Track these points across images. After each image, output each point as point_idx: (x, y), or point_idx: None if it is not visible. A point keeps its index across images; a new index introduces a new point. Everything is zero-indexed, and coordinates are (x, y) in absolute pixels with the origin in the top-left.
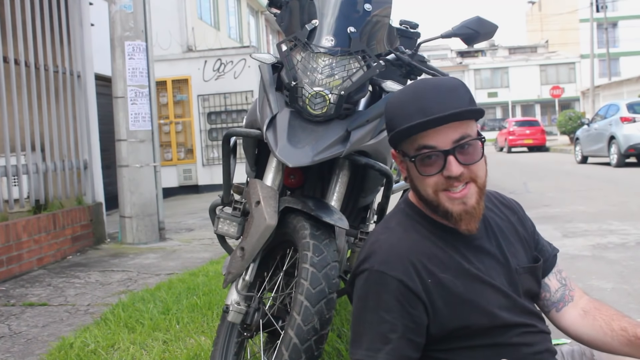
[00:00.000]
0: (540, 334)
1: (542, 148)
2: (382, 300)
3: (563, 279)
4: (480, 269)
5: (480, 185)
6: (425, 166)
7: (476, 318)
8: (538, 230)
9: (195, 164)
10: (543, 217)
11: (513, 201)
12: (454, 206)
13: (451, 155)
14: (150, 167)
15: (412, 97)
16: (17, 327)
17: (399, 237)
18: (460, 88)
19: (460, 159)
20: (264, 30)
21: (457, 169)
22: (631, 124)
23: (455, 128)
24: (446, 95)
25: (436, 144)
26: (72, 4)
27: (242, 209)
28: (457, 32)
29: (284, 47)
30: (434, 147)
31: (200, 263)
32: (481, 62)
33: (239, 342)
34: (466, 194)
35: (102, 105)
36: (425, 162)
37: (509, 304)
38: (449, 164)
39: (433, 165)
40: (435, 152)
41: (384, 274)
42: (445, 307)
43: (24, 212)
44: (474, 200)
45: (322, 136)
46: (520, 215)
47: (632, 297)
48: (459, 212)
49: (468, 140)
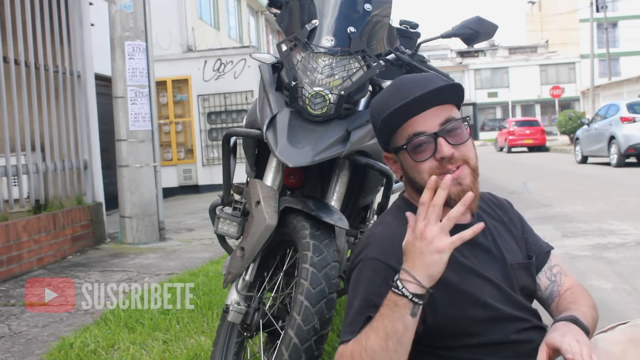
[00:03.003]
0: (536, 330)
1: (542, 148)
2: (375, 285)
3: (553, 275)
4: (475, 262)
5: (472, 166)
6: (418, 153)
7: (471, 309)
8: (538, 230)
9: (195, 164)
10: (543, 217)
11: (505, 201)
12: (451, 188)
13: (440, 137)
14: (150, 167)
15: (392, 90)
16: (17, 327)
17: (394, 229)
18: (436, 78)
19: (449, 140)
20: (264, 30)
21: (448, 149)
22: (631, 124)
23: (439, 112)
24: (425, 82)
25: (424, 129)
26: (72, 4)
27: (242, 209)
28: (457, 32)
29: (284, 47)
30: (422, 132)
31: (200, 263)
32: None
33: (239, 342)
34: (460, 174)
35: (102, 105)
36: (417, 149)
37: (503, 298)
38: (439, 145)
39: (425, 151)
40: (425, 135)
41: (378, 262)
42: (440, 298)
43: (24, 212)
44: (468, 180)
45: (322, 136)
46: (512, 215)
47: (632, 297)
48: (456, 192)
49: (453, 122)
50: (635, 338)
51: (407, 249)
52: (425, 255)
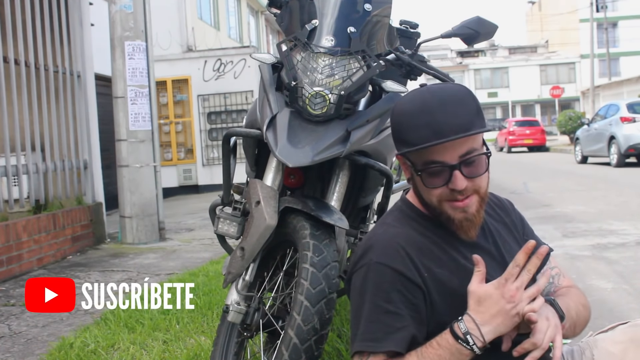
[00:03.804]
0: None
1: (542, 148)
2: (382, 291)
3: (552, 276)
4: None
5: (482, 195)
6: (431, 179)
7: None
8: (538, 230)
9: (195, 164)
10: (543, 217)
11: (506, 201)
12: (456, 214)
13: (457, 170)
14: (150, 167)
15: (419, 109)
16: (17, 327)
17: (396, 232)
18: (466, 98)
19: (465, 172)
20: (264, 30)
21: (462, 183)
22: (631, 124)
23: (463, 143)
24: (455, 109)
25: (443, 160)
26: (72, 4)
27: (242, 209)
28: (457, 32)
29: (284, 47)
30: (441, 163)
31: (200, 263)
32: (481, 62)
33: (239, 342)
34: (468, 203)
35: (102, 105)
36: (432, 175)
37: None
38: (454, 178)
39: (439, 178)
40: (443, 167)
41: (384, 266)
42: (441, 301)
43: (24, 212)
44: (474, 209)
45: (322, 136)
46: (513, 216)
47: (632, 297)
48: (460, 219)
49: (474, 155)
50: (635, 338)
51: (487, 302)
52: (505, 317)
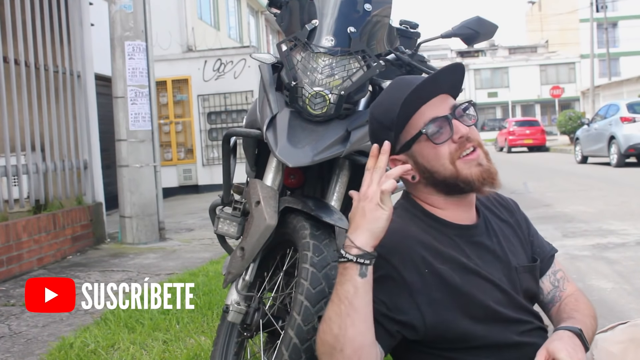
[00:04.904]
0: (538, 332)
1: (542, 148)
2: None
3: (557, 280)
4: (478, 264)
5: (483, 149)
6: (437, 137)
7: (473, 311)
8: (538, 230)
9: (195, 164)
10: (543, 217)
11: (511, 201)
12: (472, 169)
13: (454, 118)
14: (150, 167)
15: (394, 88)
16: (17, 327)
17: (398, 228)
18: None
19: (462, 121)
20: (264, 30)
21: (464, 127)
22: (631, 124)
23: (444, 100)
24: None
25: (437, 114)
26: (72, 4)
27: (242, 209)
28: (457, 32)
29: (284, 47)
30: (437, 116)
31: (200, 263)
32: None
33: (239, 342)
34: (478, 156)
35: (102, 105)
36: (435, 134)
37: (505, 300)
38: (455, 126)
39: (443, 133)
40: (441, 117)
41: (379, 258)
42: (442, 297)
43: (24, 212)
44: (485, 161)
45: (322, 136)
46: (518, 216)
47: (632, 297)
48: (477, 174)
49: (462, 104)
50: (635, 338)
51: (352, 214)
52: (367, 213)
